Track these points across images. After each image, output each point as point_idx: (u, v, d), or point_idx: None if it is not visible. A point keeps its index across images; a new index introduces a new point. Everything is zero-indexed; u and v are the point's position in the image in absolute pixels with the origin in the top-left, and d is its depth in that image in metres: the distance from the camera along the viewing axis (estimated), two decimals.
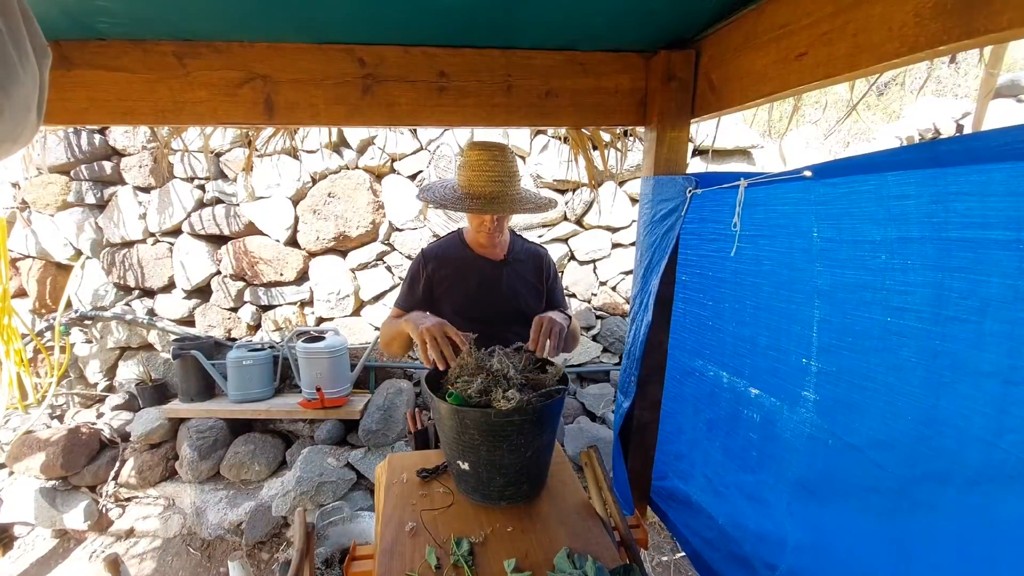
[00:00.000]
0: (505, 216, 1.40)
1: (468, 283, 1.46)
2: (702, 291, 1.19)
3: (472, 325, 1.43)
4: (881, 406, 0.77)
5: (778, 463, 1.02)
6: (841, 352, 0.83)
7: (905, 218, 0.68)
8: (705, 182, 1.10)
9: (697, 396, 1.27)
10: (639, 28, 1.19)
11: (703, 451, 1.28)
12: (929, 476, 0.71)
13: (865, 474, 0.81)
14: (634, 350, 1.40)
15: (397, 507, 1.15)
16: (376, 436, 2.73)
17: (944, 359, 0.67)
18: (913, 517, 0.74)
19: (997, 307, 0.59)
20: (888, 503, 0.78)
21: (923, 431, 0.71)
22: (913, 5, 0.71)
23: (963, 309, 0.63)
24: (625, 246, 3.20)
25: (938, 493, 0.70)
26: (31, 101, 0.46)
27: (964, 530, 0.67)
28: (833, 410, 0.87)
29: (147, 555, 2.59)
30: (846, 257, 0.79)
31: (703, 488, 1.29)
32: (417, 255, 1.52)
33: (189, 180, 3.03)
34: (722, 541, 1.22)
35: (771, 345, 0.99)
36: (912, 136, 3.45)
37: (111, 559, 1.28)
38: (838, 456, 0.87)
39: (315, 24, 1.13)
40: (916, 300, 0.69)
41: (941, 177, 0.63)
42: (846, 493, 0.86)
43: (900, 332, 0.72)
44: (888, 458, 0.77)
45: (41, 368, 3.11)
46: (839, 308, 0.82)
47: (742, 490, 1.14)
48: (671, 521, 1.42)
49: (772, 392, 1.01)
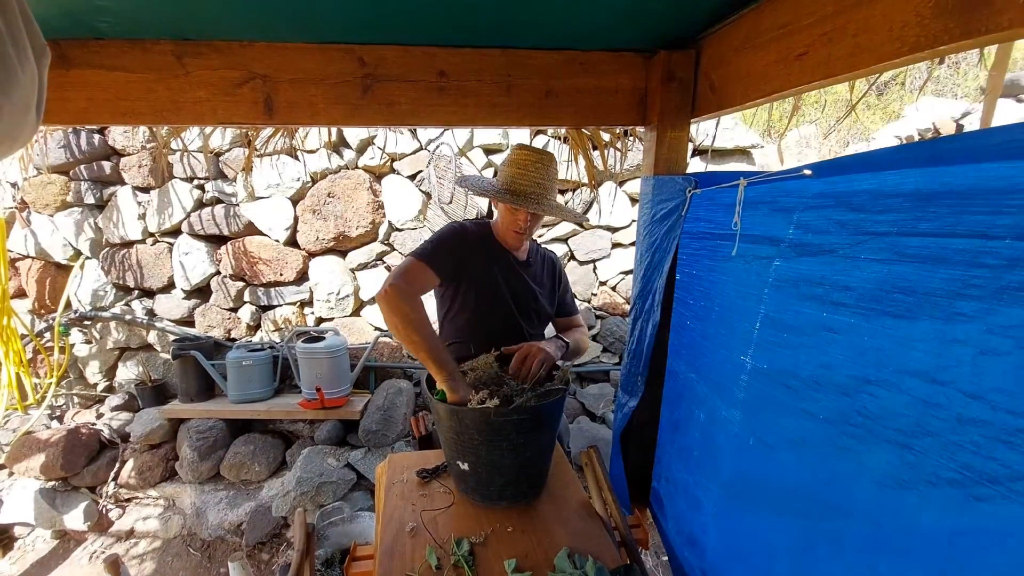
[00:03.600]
0: (538, 218, 1.40)
1: (496, 270, 1.43)
2: (689, 291, 1.19)
3: (491, 316, 1.43)
4: (803, 404, 0.77)
5: (712, 463, 1.02)
6: (775, 348, 0.83)
7: (880, 217, 0.67)
8: (705, 182, 1.10)
9: (670, 397, 1.28)
10: (639, 28, 1.19)
11: (665, 452, 1.29)
12: (839, 478, 0.71)
13: (781, 475, 0.81)
14: (640, 349, 1.40)
15: (397, 507, 1.15)
16: (376, 436, 2.73)
17: (871, 355, 0.66)
18: (823, 522, 0.74)
19: (933, 305, 0.59)
20: (800, 505, 0.78)
21: (831, 431, 0.71)
22: (914, 5, 0.71)
23: (900, 306, 0.62)
24: (625, 246, 3.20)
25: (848, 497, 0.69)
26: (30, 101, 0.45)
27: (875, 538, 0.66)
28: (756, 408, 0.88)
29: (147, 556, 2.58)
30: (803, 252, 0.79)
31: (665, 491, 1.31)
32: (452, 224, 1.41)
33: (189, 180, 3.03)
34: (673, 546, 1.24)
35: (724, 343, 1.00)
36: (912, 136, 3.45)
37: (111, 560, 1.28)
38: (757, 457, 0.87)
39: (315, 24, 1.13)
40: (854, 296, 0.69)
41: (940, 176, 0.63)
42: (762, 495, 0.86)
43: (832, 327, 0.72)
44: (801, 459, 0.77)
45: (41, 369, 3.10)
46: (783, 303, 0.82)
47: (685, 491, 1.15)
48: (658, 522, 1.44)
49: (716, 390, 1.02)
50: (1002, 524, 0.52)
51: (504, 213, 1.40)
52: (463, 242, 1.38)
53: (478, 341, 1.37)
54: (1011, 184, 0.51)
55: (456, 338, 1.46)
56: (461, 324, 1.45)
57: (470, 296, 1.42)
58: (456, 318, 1.46)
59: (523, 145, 1.38)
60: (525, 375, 1.25)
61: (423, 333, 1.15)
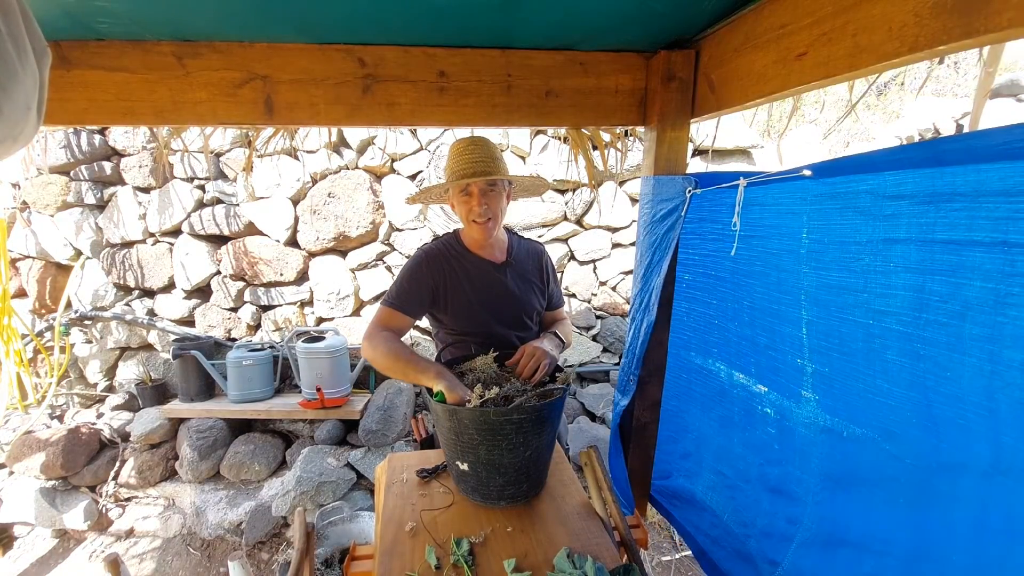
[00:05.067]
0: (495, 199, 1.32)
1: (470, 288, 1.39)
2: (706, 290, 1.19)
3: (475, 330, 1.42)
4: (878, 403, 0.77)
5: (801, 455, 1.01)
6: (831, 354, 0.83)
7: (896, 219, 0.68)
8: (705, 182, 1.10)
9: (705, 394, 1.26)
10: (639, 28, 1.19)
11: (714, 448, 1.27)
12: (944, 467, 0.70)
13: (884, 464, 0.81)
14: (634, 349, 1.40)
15: (397, 507, 1.15)
16: (376, 436, 2.73)
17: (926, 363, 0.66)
18: (931, 508, 0.73)
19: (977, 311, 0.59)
20: (908, 493, 0.77)
21: (927, 425, 0.71)
22: (913, 5, 0.71)
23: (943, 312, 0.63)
24: (625, 246, 3.20)
25: (956, 483, 0.69)
26: (31, 101, 0.45)
27: (977, 522, 0.66)
28: (834, 408, 0.87)
29: (147, 555, 2.58)
30: (831, 259, 0.79)
31: (712, 485, 1.29)
32: (417, 253, 1.41)
33: (189, 180, 3.03)
34: (727, 539, 1.22)
35: (770, 345, 0.99)
36: (912, 136, 3.45)
37: (111, 559, 1.28)
38: (856, 447, 0.86)
39: (315, 24, 1.13)
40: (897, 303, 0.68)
41: (939, 177, 0.63)
42: (869, 483, 0.86)
43: (882, 335, 0.72)
44: (902, 449, 0.77)
45: (41, 368, 3.10)
46: (824, 310, 0.82)
47: (766, 483, 1.13)
48: (676, 520, 1.43)
49: (778, 390, 1.01)
50: None
51: (459, 208, 1.35)
52: (429, 269, 1.37)
53: (473, 349, 1.37)
54: None
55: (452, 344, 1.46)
56: (451, 341, 1.45)
57: (451, 318, 1.42)
58: (446, 337, 1.47)
59: (457, 140, 1.37)
60: (529, 375, 1.24)
61: (401, 358, 1.22)
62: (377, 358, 1.25)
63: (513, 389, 1.16)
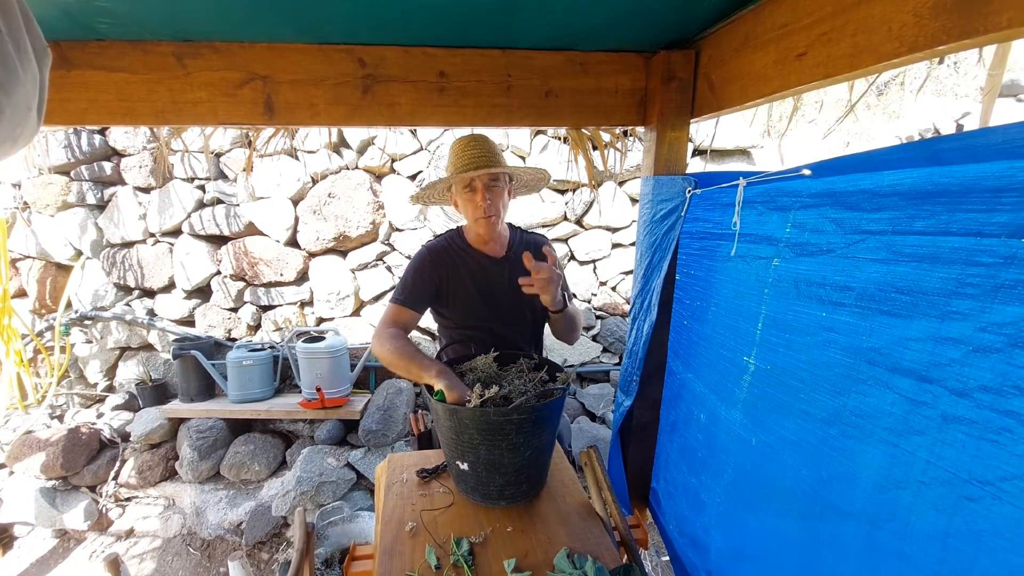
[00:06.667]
0: (498, 194, 1.34)
1: (472, 282, 1.42)
2: (689, 291, 1.19)
3: (477, 325, 1.43)
4: (802, 405, 0.77)
5: (714, 464, 1.02)
6: (775, 348, 0.83)
7: (878, 216, 0.67)
8: (704, 182, 1.10)
9: (668, 397, 1.28)
10: (639, 28, 1.19)
11: (664, 452, 1.29)
12: (836, 479, 0.71)
13: (783, 475, 0.81)
14: (636, 349, 1.40)
15: (397, 507, 1.15)
16: (376, 436, 2.73)
17: (866, 355, 0.66)
18: (824, 522, 0.73)
19: (929, 304, 0.59)
20: (802, 506, 0.78)
21: (829, 431, 0.71)
22: (912, 5, 0.71)
23: (897, 304, 0.63)
24: (625, 246, 3.20)
25: (846, 498, 0.69)
26: (31, 101, 0.45)
27: (873, 539, 0.66)
28: (757, 409, 0.87)
29: (147, 555, 2.58)
30: (802, 251, 0.79)
31: (666, 492, 1.31)
32: (420, 250, 1.44)
33: (189, 180, 3.03)
34: (673, 545, 1.24)
35: (724, 343, 0.99)
36: (912, 136, 3.45)
37: (111, 559, 1.28)
38: (760, 457, 0.86)
39: (315, 24, 1.13)
40: (853, 296, 0.69)
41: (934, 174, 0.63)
42: (766, 496, 0.86)
43: (831, 327, 0.72)
44: (801, 459, 0.77)
45: (41, 368, 3.11)
46: (782, 303, 0.82)
47: (687, 492, 1.14)
48: (658, 522, 1.44)
49: (716, 391, 1.01)
50: (993, 525, 0.52)
51: (464, 206, 1.37)
52: (433, 265, 1.41)
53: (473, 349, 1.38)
54: (1005, 182, 0.51)
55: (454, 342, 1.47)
56: (454, 336, 1.47)
57: (453, 312, 1.45)
58: (449, 332, 1.49)
59: (457, 138, 1.38)
60: (533, 272, 1.22)
61: (405, 356, 1.24)
62: (383, 355, 1.29)
63: (513, 389, 1.15)
